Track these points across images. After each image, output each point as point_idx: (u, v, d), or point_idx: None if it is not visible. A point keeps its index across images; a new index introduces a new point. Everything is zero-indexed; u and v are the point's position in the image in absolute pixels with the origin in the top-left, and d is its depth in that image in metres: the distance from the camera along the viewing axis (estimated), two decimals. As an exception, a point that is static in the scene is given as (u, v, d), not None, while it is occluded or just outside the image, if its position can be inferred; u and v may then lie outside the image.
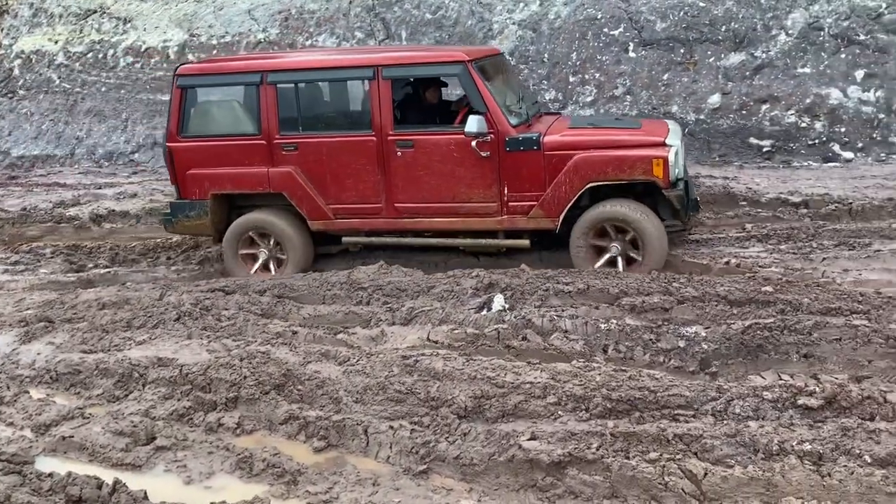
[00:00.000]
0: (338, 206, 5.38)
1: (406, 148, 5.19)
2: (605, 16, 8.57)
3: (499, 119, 5.06)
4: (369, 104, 5.25)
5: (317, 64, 5.48)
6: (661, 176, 4.89)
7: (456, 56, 5.19)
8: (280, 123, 5.36)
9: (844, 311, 4.06)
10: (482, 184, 5.15)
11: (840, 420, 3.12)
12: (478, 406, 3.44)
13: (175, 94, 5.50)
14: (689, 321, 4.18)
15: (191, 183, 5.52)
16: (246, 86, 5.49)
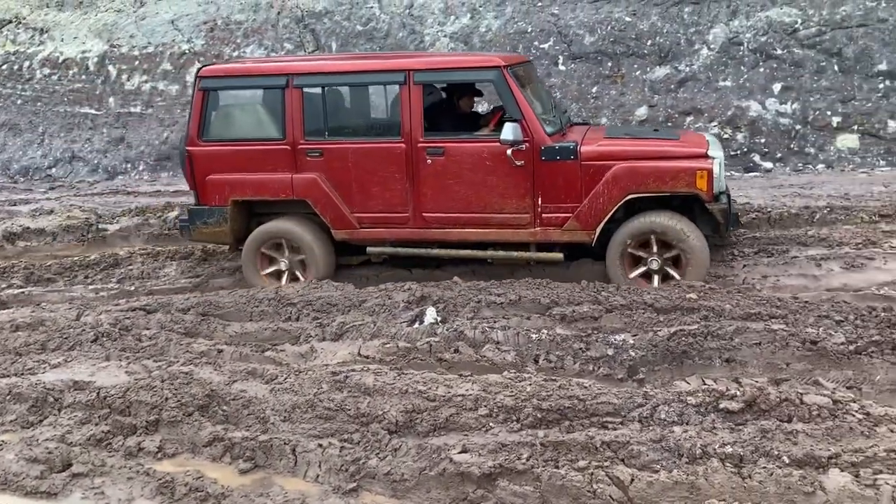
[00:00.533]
0: (363, 215, 5.18)
1: (436, 156, 5.01)
2: (535, 29, 8.72)
3: (535, 127, 4.88)
4: (399, 110, 5.08)
5: (345, 68, 5.29)
6: (704, 189, 4.73)
7: (491, 61, 5.03)
8: (305, 128, 5.17)
9: (764, 316, 4.20)
10: (515, 194, 4.96)
11: (760, 422, 3.21)
12: (409, 420, 3.41)
13: (196, 97, 5.29)
14: (617, 329, 4.25)
15: (211, 188, 5.29)
16: (271, 89, 5.27)
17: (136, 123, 9.74)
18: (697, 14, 8.43)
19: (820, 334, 3.87)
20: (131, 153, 9.68)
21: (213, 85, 5.29)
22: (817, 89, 7.93)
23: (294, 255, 5.29)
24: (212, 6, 9.69)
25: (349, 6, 9.05)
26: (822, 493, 2.79)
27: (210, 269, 5.81)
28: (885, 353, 3.71)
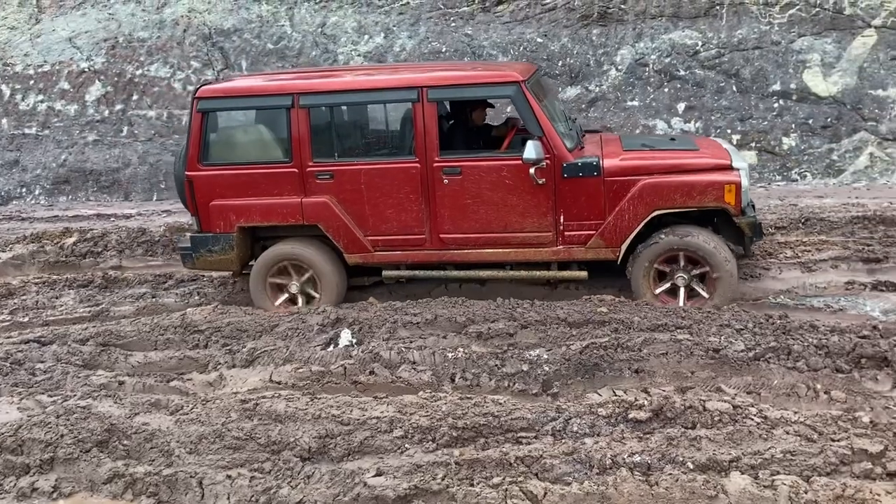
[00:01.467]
0: (377, 238, 4.98)
1: (453, 175, 4.82)
2: (449, 49, 8.82)
3: (556, 143, 4.72)
4: (412, 128, 4.86)
5: (355, 85, 4.99)
6: (732, 203, 4.61)
7: (509, 76, 4.79)
8: (313, 150, 4.93)
9: (670, 326, 4.34)
10: (536, 212, 4.80)
11: (666, 430, 3.31)
12: (322, 446, 3.33)
13: (195, 119, 4.97)
14: (532, 345, 4.30)
15: (215, 215, 5.00)
16: (275, 109, 4.99)
17: (31, 145, 9.24)
18: (605, 36, 8.74)
19: (722, 342, 4.03)
20: (26, 177, 9.17)
21: (212, 106, 5.00)
22: (718, 108, 8.33)
23: (303, 278, 5.07)
24: (112, 23, 9.35)
25: (259, 24, 8.91)
26: (724, 496, 2.89)
27: (111, 296, 5.54)
28: (781, 358, 3.90)
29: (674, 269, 4.77)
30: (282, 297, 5.09)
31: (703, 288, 4.76)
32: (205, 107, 4.97)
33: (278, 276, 5.08)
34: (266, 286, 5.06)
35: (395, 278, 5.15)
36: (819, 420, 3.25)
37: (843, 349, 3.88)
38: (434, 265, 5.05)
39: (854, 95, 7.79)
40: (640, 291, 4.80)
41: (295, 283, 5.07)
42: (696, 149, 4.99)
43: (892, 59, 7.85)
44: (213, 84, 5.28)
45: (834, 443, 3.08)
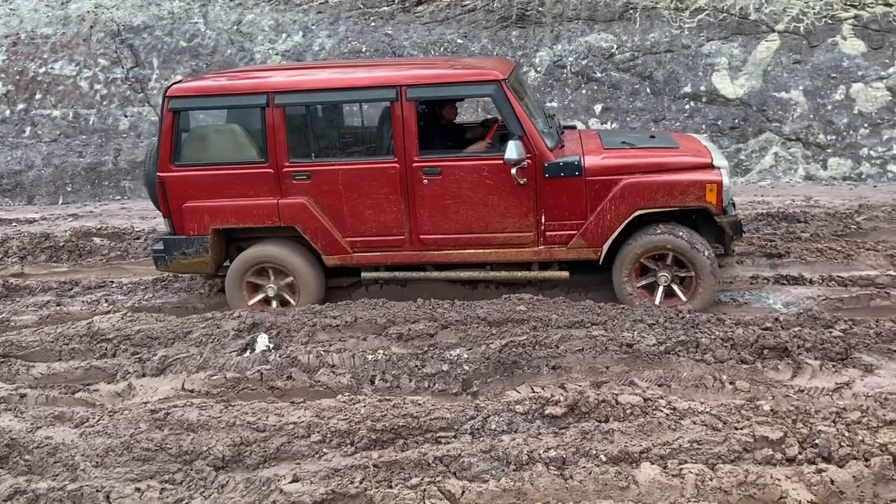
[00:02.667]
0: (356, 239, 4.90)
1: (433, 175, 4.75)
2: (369, 49, 8.78)
3: (537, 143, 4.67)
4: (391, 127, 4.76)
5: (331, 84, 4.86)
6: (714, 202, 4.62)
7: (489, 74, 4.70)
8: (290, 149, 4.79)
9: (586, 323, 4.45)
10: (517, 212, 4.77)
11: (581, 424, 3.38)
12: (237, 454, 3.26)
13: (166, 118, 4.80)
14: (452, 345, 4.32)
15: (188, 217, 4.85)
16: (250, 108, 4.83)
17: (-74, 146, 8.69)
18: (524, 38, 8.88)
19: (635, 337, 4.16)
20: (-77, 179, 8.61)
21: (184, 105, 4.84)
22: (633, 110, 8.60)
23: (281, 280, 4.96)
24: (13, 18, 8.87)
25: (171, 21, 8.63)
26: (636, 486, 2.98)
27: (12, 305, 5.25)
28: (690, 351, 4.05)
29: (658, 267, 4.79)
30: (257, 298, 4.99)
31: (682, 290, 4.78)
32: (176, 106, 4.82)
33: (256, 276, 4.98)
34: (242, 289, 4.96)
35: (375, 280, 5.10)
36: (724, 410, 3.40)
37: (747, 341, 4.06)
38: (414, 266, 5.01)
39: (759, 97, 8.18)
40: (624, 293, 4.80)
41: (272, 286, 4.98)
42: (676, 146, 5.01)
43: (794, 63, 8.28)
44: (184, 82, 5.11)
45: (737, 431, 3.22)
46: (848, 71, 8.03)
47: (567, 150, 4.87)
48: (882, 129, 7.83)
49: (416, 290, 5.17)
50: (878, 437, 3.04)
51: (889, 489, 2.89)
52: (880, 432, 3.08)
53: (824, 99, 8.07)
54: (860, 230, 5.96)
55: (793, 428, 3.19)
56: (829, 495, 2.88)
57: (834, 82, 8.07)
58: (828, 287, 4.89)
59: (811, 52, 8.24)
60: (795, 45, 8.31)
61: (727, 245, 4.90)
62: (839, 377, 3.74)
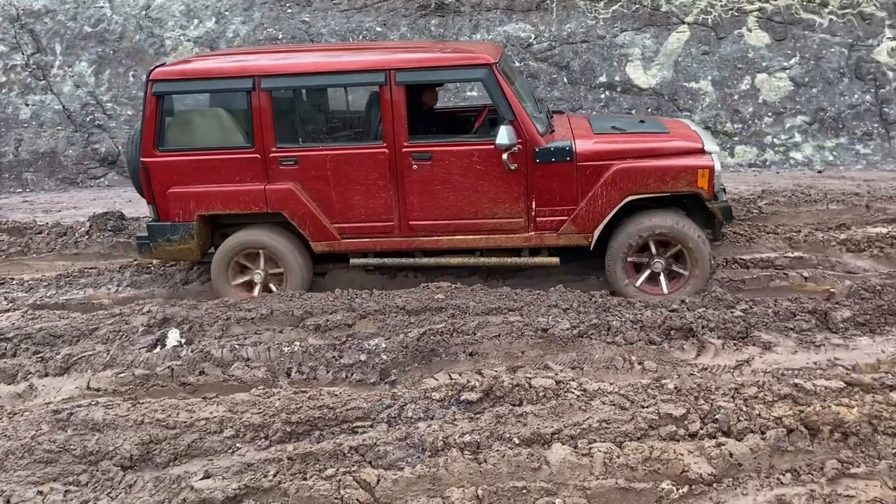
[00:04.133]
0: (344, 226, 4.83)
1: (422, 161, 4.68)
2: (286, 36, 8.60)
3: (528, 128, 4.62)
4: (380, 112, 4.67)
5: (319, 67, 4.71)
6: (705, 187, 4.61)
7: (480, 58, 4.65)
8: (276, 134, 4.69)
9: (503, 309, 4.52)
10: (508, 198, 4.73)
11: (495, 409, 3.44)
12: (146, 453, 3.16)
13: (149, 102, 4.67)
14: (371, 334, 4.32)
15: (173, 203, 4.76)
16: (236, 92, 4.69)
17: None
18: (444, 27, 8.89)
19: (549, 322, 4.25)
20: None
21: (168, 89, 4.69)
22: (551, 99, 8.75)
23: (270, 266, 4.89)
24: None
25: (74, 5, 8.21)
26: (547, 467, 3.06)
27: None
28: (601, 334, 4.17)
29: (650, 257, 4.76)
30: (240, 280, 4.93)
31: (680, 266, 4.75)
32: (160, 90, 4.69)
33: (245, 261, 4.92)
34: (228, 276, 4.90)
35: (363, 266, 5.05)
36: (631, 389, 3.52)
37: (655, 323, 4.21)
38: (403, 252, 4.97)
39: (671, 87, 8.47)
40: (617, 282, 4.78)
41: (259, 272, 4.91)
42: (666, 132, 5.01)
43: (703, 54, 8.60)
44: (168, 65, 4.90)
45: (644, 409, 3.35)
46: (753, 62, 8.40)
47: (557, 134, 4.84)
48: (785, 117, 8.23)
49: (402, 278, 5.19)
50: (774, 411, 3.22)
51: (784, 459, 3.07)
52: (775, 406, 3.25)
53: (731, 89, 8.43)
54: (762, 214, 6.26)
55: (695, 405, 3.34)
56: (728, 467, 3.03)
57: (740, 73, 8.43)
58: (731, 269, 5.12)
59: (719, 43, 8.58)
60: (704, 36, 8.63)
61: (716, 231, 4.94)
62: (740, 355, 3.94)
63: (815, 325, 4.09)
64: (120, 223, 6.30)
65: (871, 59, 8.06)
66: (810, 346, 3.92)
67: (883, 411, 3.09)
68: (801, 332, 4.04)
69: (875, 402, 3.15)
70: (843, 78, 8.09)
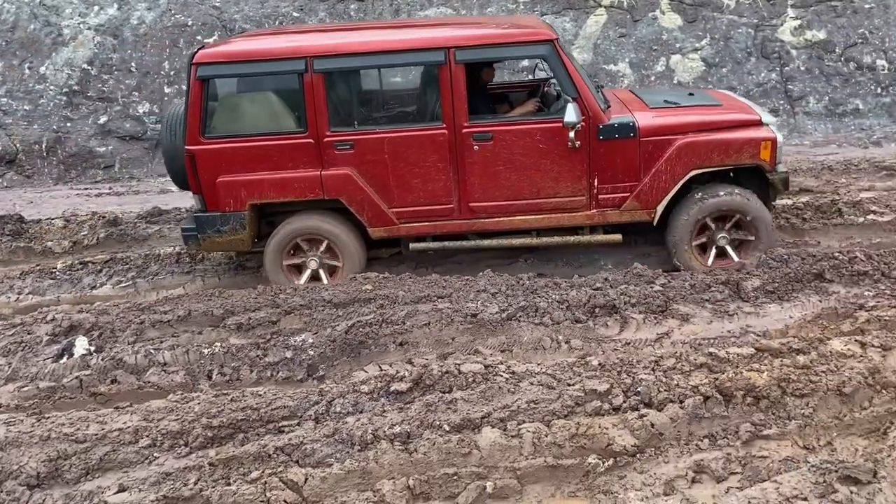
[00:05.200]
0: (402, 210, 4.71)
1: (483, 141, 4.57)
2: (196, 22, 8.29)
3: (591, 105, 4.53)
4: (439, 92, 4.52)
5: (375, 47, 4.56)
6: (768, 159, 4.59)
7: (542, 33, 4.55)
8: (331, 118, 4.55)
9: (432, 297, 4.47)
10: (570, 176, 4.64)
11: (425, 397, 3.40)
12: (54, 469, 2.99)
13: (194, 87, 4.47)
14: (297, 330, 4.21)
15: (223, 192, 4.59)
16: (287, 75, 4.52)
17: None
18: (364, 11, 8.75)
19: (479, 307, 4.24)
20: None
21: (213, 72, 4.50)
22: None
23: (324, 254, 4.82)
24: None
25: (-39, -5, 7.71)
26: (477, 451, 3.05)
27: None
28: (529, 316, 4.19)
29: (712, 233, 4.75)
30: (305, 276, 4.84)
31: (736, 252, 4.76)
32: (205, 73, 4.48)
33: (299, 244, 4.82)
34: (283, 263, 4.80)
35: (424, 250, 4.94)
36: (558, 368, 3.55)
37: (580, 302, 4.25)
38: (462, 235, 4.88)
39: (591, 69, 8.58)
40: (686, 261, 4.74)
41: (315, 258, 4.83)
42: (720, 104, 4.97)
43: (620, 37, 8.75)
44: (212, 47, 4.70)
45: (570, 387, 3.37)
46: (667, 43, 8.61)
47: (614, 110, 4.76)
48: (697, 97, 8.45)
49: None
50: (691, 380, 3.30)
51: (701, 426, 3.15)
52: (692, 375, 3.34)
53: (648, 70, 8.61)
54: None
55: (618, 379, 3.39)
56: (650, 437, 3.09)
57: (655, 54, 8.62)
58: (651, 246, 5.23)
59: (635, 25, 8.75)
60: (621, 19, 8.78)
61: (771, 200, 4.91)
62: (660, 328, 4.03)
63: (729, 295, 4.21)
64: (19, 226, 5.93)
65: (776, 38, 8.38)
66: (724, 315, 4.04)
67: (791, 374, 3.21)
68: (716, 302, 4.16)
69: (783, 365, 3.27)
70: (750, 57, 8.38)
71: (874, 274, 4.32)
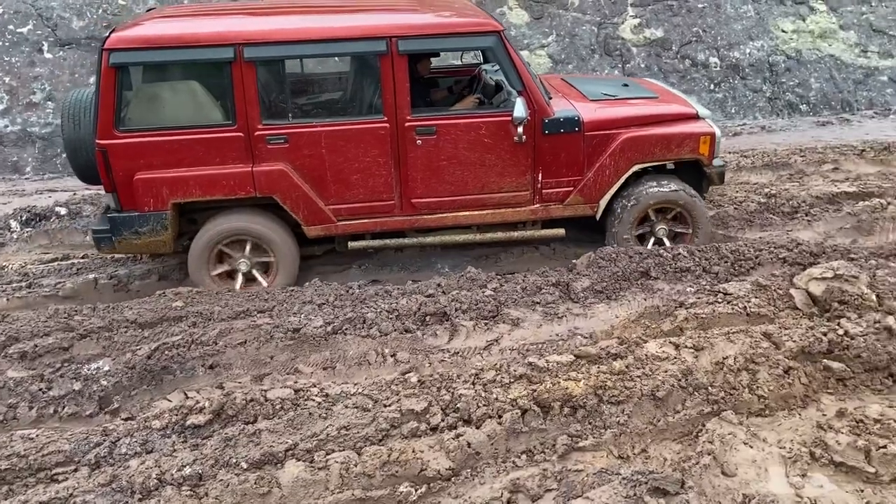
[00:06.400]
0: (340, 207, 4.49)
1: (427, 135, 4.40)
2: (8, 11, 7.42)
3: (537, 99, 4.43)
4: (380, 83, 4.28)
5: (312, 34, 4.23)
6: (706, 154, 4.69)
7: (489, 24, 4.38)
8: (262, 110, 4.24)
9: (252, 311, 4.14)
10: (515, 171, 4.54)
11: (225, 431, 3.08)
12: None
13: (106, 76, 4.03)
14: (94, 356, 3.74)
15: (142, 190, 4.23)
16: (213, 63, 4.14)
17: None
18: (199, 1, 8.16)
19: (302, 321, 3.94)
20: None
21: (128, 59, 4.07)
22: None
23: (256, 255, 4.52)
24: None
25: None
26: (278, 489, 2.78)
27: None
28: (357, 328, 3.93)
29: (651, 225, 4.82)
30: (238, 281, 4.54)
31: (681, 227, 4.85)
32: (119, 60, 4.04)
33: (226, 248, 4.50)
34: (210, 267, 4.48)
35: (363, 249, 4.72)
36: (375, 388, 3.33)
37: (410, 310, 4.05)
38: (402, 232, 4.69)
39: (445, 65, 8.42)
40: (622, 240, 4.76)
41: (244, 261, 4.52)
42: (655, 96, 4.98)
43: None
44: (126, 31, 4.15)
45: (386, 408, 3.16)
46: (515, 39, 8.60)
47: (555, 103, 4.66)
48: (546, 92, 8.53)
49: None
50: (510, 393, 3.18)
51: (519, 441, 3.03)
52: (511, 388, 3.22)
53: (498, 65, 8.57)
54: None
55: (437, 396, 3.22)
56: (467, 458, 2.93)
57: (504, 49, 8.59)
58: (488, 248, 5.13)
59: (484, 20, 8.67)
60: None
61: (703, 191, 4.97)
62: (490, 334, 3.89)
63: (559, 296, 4.16)
64: None
65: (617, 35, 8.59)
66: (554, 318, 3.97)
67: (607, 381, 3.16)
68: (547, 304, 4.09)
69: (600, 372, 3.22)
70: (594, 54, 8.54)
71: (696, 269, 4.41)
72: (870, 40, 9.10)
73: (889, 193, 5.59)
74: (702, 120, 4.79)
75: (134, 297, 4.54)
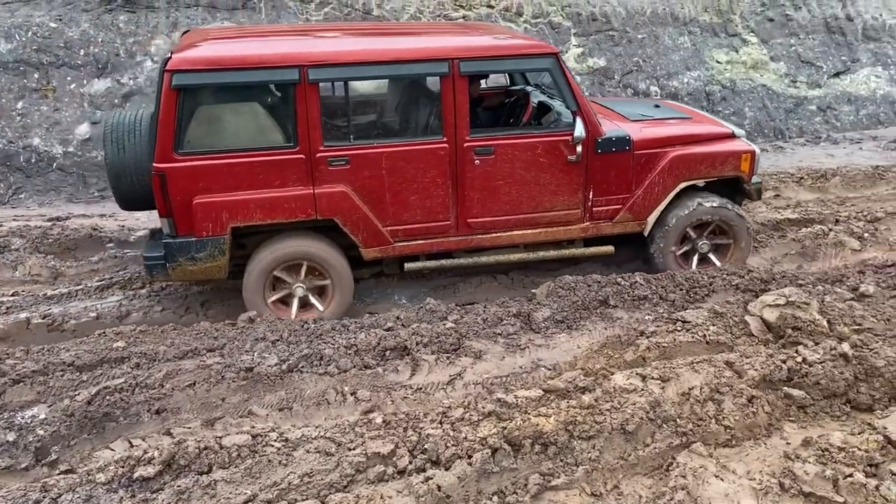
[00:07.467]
0: (397, 228, 4.45)
1: (485, 155, 4.43)
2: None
3: (590, 119, 4.52)
4: (440, 104, 4.32)
5: (377, 56, 4.22)
6: (747, 171, 4.86)
7: (546, 46, 4.49)
8: (325, 132, 4.22)
9: (201, 350, 3.93)
10: (567, 190, 4.61)
11: (178, 482, 2.88)
12: None
13: (167, 98, 3.94)
14: (28, 403, 3.48)
15: (201, 215, 4.11)
16: (278, 84, 4.17)
17: None
18: (135, 24, 7.86)
19: (255, 359, 3.76)
20: None
21: (192, 81, 3.96)
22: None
23: (312, 279, 4.43)
24: None
25: None
26: (237, 547, 2.59)
27: None
28: (313, 365, 3.78)
29: (692, 241, 4.93)
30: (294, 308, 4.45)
31: (717, 257, 5.00)
32: (182, 82, 3.94)
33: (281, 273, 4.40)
34: (266, 293, 4.38)
35: (419, 270, 4.67)
36: (338, 431, 3.17)
37: (369, 345, 3.93)
38: (456, 252, 4.68)
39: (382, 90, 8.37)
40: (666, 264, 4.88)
41: (300, 286, 4.42)
42: (689, 117, 5.16)
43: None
44: (187, 52, 4.03)
45: (350, 452, 3.01)
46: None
47: (603, 124, 4.74)
48: (493, 119, 8.57)
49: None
50: (479, 431, 3.08)
51: (490, 482, 2.93)
52: (480, 426, 3.12)
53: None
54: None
55: (404, 437, 3.09)
56: (437, 502, 2.81)
57: (451, 76, 8.61)
58: (446, 278, 5.05)
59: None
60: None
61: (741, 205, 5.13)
62: (453, 368, 3.80)
63: (521, 327, 4.11)
64: None
65: (563, 63, 8.73)
66: (516, 349, 3.91)
67: (577, 416, 3.10)
68: (508, 336, 4.03)
69: (570, 407, 3.16)
70: (540, 81, 8.64)
71: (653, 297, 4.44)
72: (799, 71, 9.52)
73: (829, 220, 5.79)
74: (738, 138, 5.01)
75: (70, 338, 4.24)
